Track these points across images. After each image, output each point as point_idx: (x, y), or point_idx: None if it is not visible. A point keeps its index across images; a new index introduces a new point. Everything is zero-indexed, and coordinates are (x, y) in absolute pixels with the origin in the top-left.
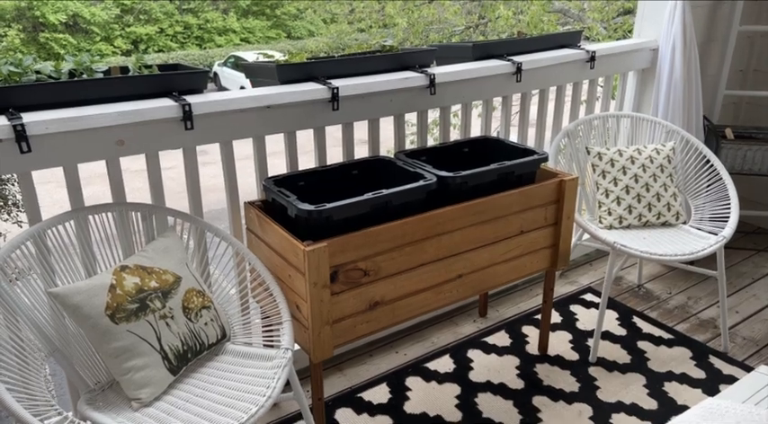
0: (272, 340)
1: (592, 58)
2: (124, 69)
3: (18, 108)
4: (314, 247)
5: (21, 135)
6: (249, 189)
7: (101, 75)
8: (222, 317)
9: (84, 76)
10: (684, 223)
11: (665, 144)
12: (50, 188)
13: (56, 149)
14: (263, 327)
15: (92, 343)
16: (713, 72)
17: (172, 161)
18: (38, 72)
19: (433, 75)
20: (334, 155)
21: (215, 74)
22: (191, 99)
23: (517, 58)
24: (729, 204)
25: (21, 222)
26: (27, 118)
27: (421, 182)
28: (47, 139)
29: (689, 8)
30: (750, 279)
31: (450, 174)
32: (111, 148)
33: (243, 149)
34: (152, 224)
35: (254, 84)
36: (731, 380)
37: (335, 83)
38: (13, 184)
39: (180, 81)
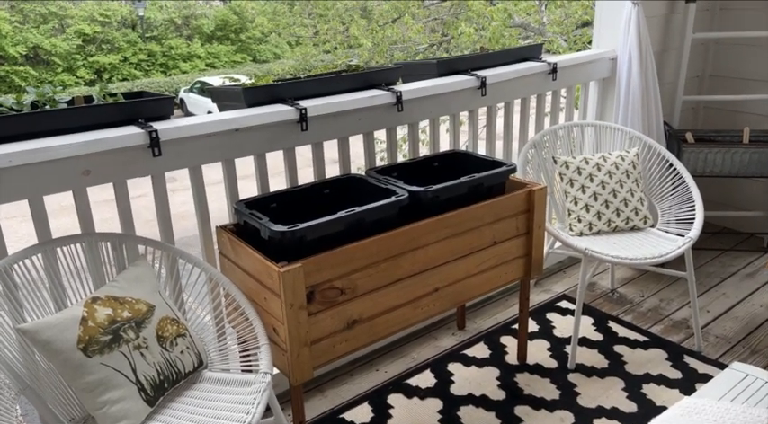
0: (250, 365)
1: (554, 70)
2: (88, 98)
3: None
4: (289, 268)
5: None
6: (220, 214)
7: (64, 106)
8: (198, 344)
9: (47, 107)
10: (652, 226)
11: (628, 150)
12: (15, 223)
13: (20, 182)
14: (240, 352)
15: (64, 378)
16: (671, 79)
17: (142, 189)
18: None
19: (400, 92)
20: (306, 176)
21: (181, 100)
22: (157, 125)
23: (481, 73)
24: (694, 206)
25: None
26: None
27: (393, 198)
28: (10, 172)
29: (643, 19)
30: (719, 279)
31: (422, 189)
32: (77, 179)
33: (212, 174)
34: (122, 253)
35: (221, 108)
36: (706, 378)
37: (303, 103)
38: None
39: (145, 108)
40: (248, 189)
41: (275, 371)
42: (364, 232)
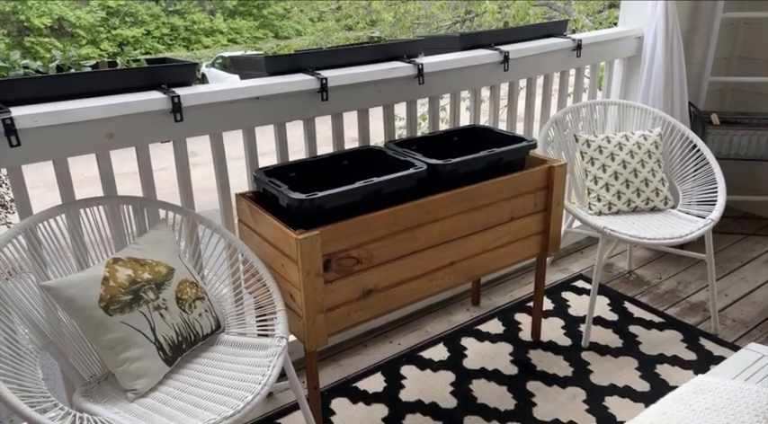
0: (266, 330)
1: (578, 47)
2: (112, 64)
3: (6, 102)
4: (306, 235)
5: (9, 128)
6: (240, 189)
7: (89, 69)
8: (216, 308)
9: (72, 70)
10: (673, 207)
11: (651, 130)
12: (39, 192)
13: (45, 143)
14: (257, 317)
15: (86, 335)
16: (698, 59)
17: (162, 162)
18: (26, 67)
19: (422, 64)
20: (325, 152)
21: (203, 75)
22: (180, 91)
23: (504, 48)
24: (716, 188)
25: (9, 223)
26: (15, 112)
27: (411, 170)
28: (36, 133)
29: None
30: (739, 263)
31: (441, 162)
32: (100, 141)
33: (233, 150)
34: (144, 216)
35: (243, 77)
36: (721, 361)
37: (324, 73)
38: (0, 186)
39: (168, 74)
40: (267, 163)
41: (291, 338)
42: (382, 203)
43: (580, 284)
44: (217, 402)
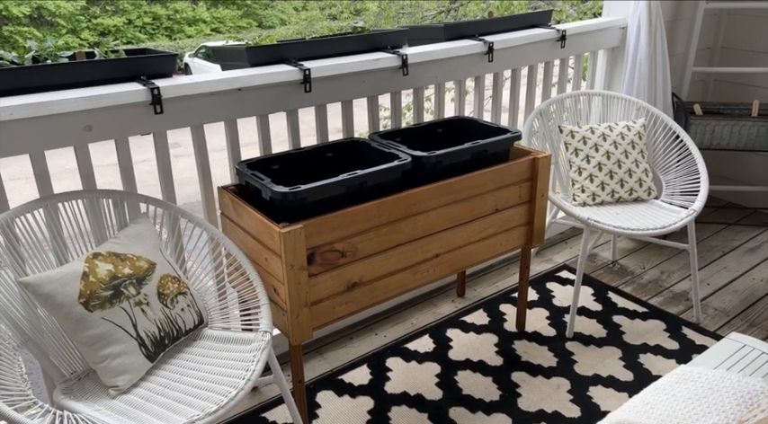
0: (250, 324)
1: (562, 37)
2: (90, 55)
3: None
4: (290, 229)
5: None
6: (224, 181)
7: (66, 61)
8: (199, 303)
9: (49, 62)
10: (656, 198)
11: (635, 121)
12: (20, 184)
13: (21, 136)
14: (240, 311)
15: (66, 332)
16: (681, 50)
17: (144, 154)
18: (0, 58)
19: (406, 55)
20: (309, 144)
21: (186, 65)
22: (159, 82)
23: (488, 38)
24: (699, 178)
25: None
26: None
27: (396, 162)
28: (12, 126)
29: None
30: (720, 252)
31: (425, 154)
32: (79, 134)
33: (215, 141)
34: (124, 210)
35: (224, 68)
36: (704, 350)
37: (307, 64)
38: None
39: (148, 65)
40: (250, 155)
41: (276, 332)
42: (366, 195)
43: (564, 274)
44: (200, 398)
